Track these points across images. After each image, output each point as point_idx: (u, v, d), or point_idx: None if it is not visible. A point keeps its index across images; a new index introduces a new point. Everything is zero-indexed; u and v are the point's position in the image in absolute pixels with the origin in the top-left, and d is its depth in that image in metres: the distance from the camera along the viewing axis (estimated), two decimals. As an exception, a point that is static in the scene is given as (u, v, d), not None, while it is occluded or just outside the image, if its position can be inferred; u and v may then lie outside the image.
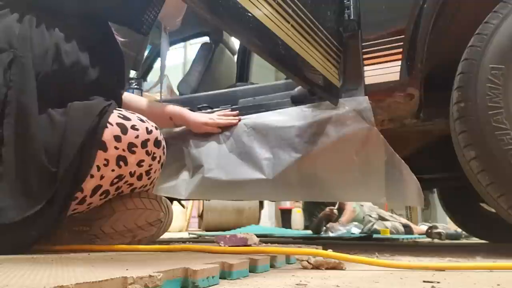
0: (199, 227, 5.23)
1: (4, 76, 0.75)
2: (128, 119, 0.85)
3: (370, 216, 3.73)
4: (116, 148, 0.81)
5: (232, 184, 1.19)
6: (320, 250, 0.75)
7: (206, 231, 4.47)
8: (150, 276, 0.42)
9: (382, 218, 3.80)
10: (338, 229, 3.26)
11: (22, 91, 0.75)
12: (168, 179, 1.28)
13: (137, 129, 0.84)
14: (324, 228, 3.37)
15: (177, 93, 1.94)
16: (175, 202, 2.28)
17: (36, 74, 0.78)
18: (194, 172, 1.27)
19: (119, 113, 0.85)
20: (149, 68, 2.24)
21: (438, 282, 0.57)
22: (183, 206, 3.38)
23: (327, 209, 3.51)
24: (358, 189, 1.08)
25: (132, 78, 1.86)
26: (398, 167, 1.06)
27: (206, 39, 2.23)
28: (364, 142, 1.08)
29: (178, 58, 6.99)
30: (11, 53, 0.77)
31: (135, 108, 1.12)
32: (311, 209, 3.72)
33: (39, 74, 0.79)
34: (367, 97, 1.11)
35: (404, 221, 4.06)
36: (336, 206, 3.54)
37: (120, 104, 0.95)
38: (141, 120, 0.87)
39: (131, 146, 0.83)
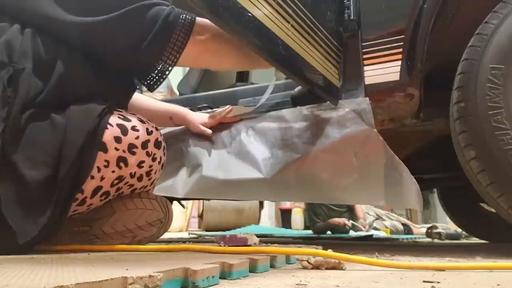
0: (199, 227, 5.23)
1: (2, 95, 0.74)
2: (128, 120, 0.84)
3: (368, 214, 3.73)
4: (116, 149, 0.81)
5: (230, 183, 1.19)
6: (320, 250, 0.75)
7: (206, 231, 4.47)
8: (150, 276, 0.42)
9: (379, 217, 3.81)
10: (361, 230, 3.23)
11: (14, 105, 0.74)
12: (166, 178, 1.28)
13: (137, 130, 0.84)
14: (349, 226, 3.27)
15: (177, 93, 1.94)
16: (175, 202, 2.28)
17: (40, 87, 0.78)
18: (192, 171, 1.27)
19: (119, 114, 0.85)
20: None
21: (438, 282, 0.57)
22: (183, 206, 3.38)
23: (341, 221, 3.37)
24: (357, 191, 1.08)
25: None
26: (397, 169, 1.06)
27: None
28: (364, 144, 1.08)
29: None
30: (11, 68, 0.76)
31: (135, 107, 1.12)
32: (315, 208, 3.65)
33: (43, 88, 0.78)
34: (367, 98, 1.11)
35: (403, 220, 4.06)
36: (350, 222, 3.39)
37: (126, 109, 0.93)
38: (141, 121, 0.87)
39: (131, 147, 0.83)
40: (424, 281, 0.58)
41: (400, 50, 1.10)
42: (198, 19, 0.91)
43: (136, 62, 0.90)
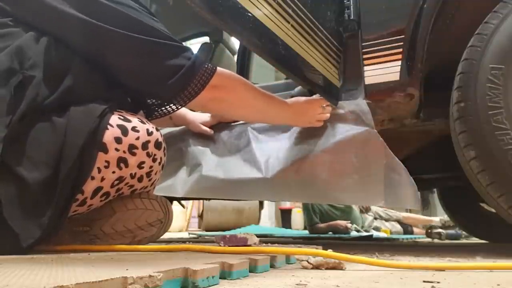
0: (199, 227, 5.23)
1: (9, 102, 0.73)
2: (128, 120, 0.84)
3: (367, 214, 3.72)
4: (116, 150, 0.81)
5: (230, 183, 1.19)
6: (320, 250, 0.75)
7: (206, 231, 4.47)
8: (150, 276, 0.42)
9: (380, 216, 3.80)
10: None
11: (18, 111, 0.73)
12: (166, 178, 1.28)
13: (137, 131, 0.84)
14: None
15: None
16: (175, 202, 2.28)
17: (47, 95, 0.77)
18: (191, 170, 1.27)
19: (120, 115, 0.85)
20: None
21: (438, 282, 0.57)
22: (183, 206, 3.38)
23: (343, 223, 3.34)
24: (357, 191, 1.08)
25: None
26: (397, 170, 1.06)
27: (206, 39, 2.23)
28: (364, 145, 1.08)
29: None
30: (20, 75, 0.75)
31: None
32: (313, 206, 3.61)
33: (50, 95, 0.78)
34: (365, 100, 1.11)
35: (399, 216, 4.03)
36: (353, 226, 3.31)
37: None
38: (142, 122, 0.87)
39: (131, 148, 0.83)
40: (424, 281, 0.58)
41: (400, 50, 1.10)
42: (219, 69, 0.94)
43: (152, 94, 0.94)
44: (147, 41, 0.84)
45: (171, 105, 0.96)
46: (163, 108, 0.97)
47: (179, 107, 0.95)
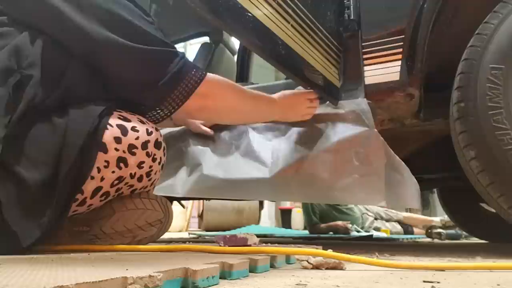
0: (199, 227, 5.22)
1: (7, 102, 0.73)
2: (128, 120, 0.84)
3: (367, 214, 3.71)
4: (116, 149, 0.81)
5: (230, 182, 1.19)
6: (320, 250, 0.75)
7: (206, 231, 4.46)
8: (150, 276, 0.42)
9: (380, 217, 3.80)
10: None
11: (17, 111, 0.73)
12: (166, 178, 1.28)
13: (137, 131, 0.84)
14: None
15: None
16: (175, 202, 2.28)
17: (46, 95, 0.77)
18: (192, 170, 1.27)
19: (119, 115, 0.84)
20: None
21: (438, 282, 0.57)
22: (183, 206, 3.37)
23: (343, 224, 3.33)
24: (358, 191, 1.08)
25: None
26: (398, 170, 1.06)
27: (206, 39, 2.23)
28: (364, 144, 1.08)
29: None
30: (18, 74, 0.75)
31: None
32: (312, 207, 3.60)
33: (49, 95, 0.77)
34: (365, 99, 1.11)
35: (399, 216, 4.03)
36: (354, 226, 3.30)
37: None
38: (141, 122, 0.87)
39: (131, 148, 0.83)
40: (424, 281, 0.58)
41: (400, 50, 1.10)
42: (209, 77, 0.92)
43: (141, 98, 0.91)
44: (138, 49, 0.83)
45: (159, 112, 0.93)
46: (151, 115, 0.94)
47: (164, 116, 0.92)
